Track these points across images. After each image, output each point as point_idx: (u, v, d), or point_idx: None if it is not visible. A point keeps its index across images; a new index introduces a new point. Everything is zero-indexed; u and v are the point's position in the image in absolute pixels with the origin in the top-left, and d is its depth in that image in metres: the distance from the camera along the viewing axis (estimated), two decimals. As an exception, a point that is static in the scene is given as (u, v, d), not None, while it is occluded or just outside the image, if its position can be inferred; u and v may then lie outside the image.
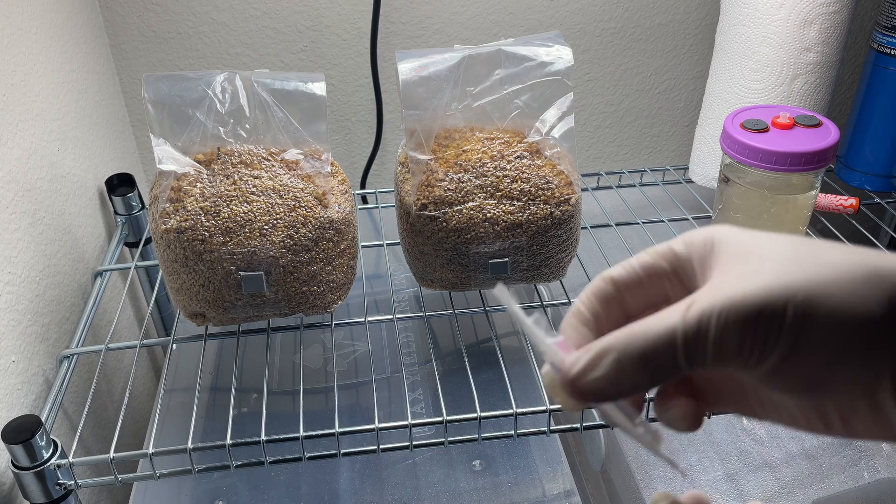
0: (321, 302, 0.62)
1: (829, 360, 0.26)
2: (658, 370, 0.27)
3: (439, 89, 0.62)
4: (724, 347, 0.26)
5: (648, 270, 0.30)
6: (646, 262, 0.30)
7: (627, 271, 0.31)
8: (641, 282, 0.30)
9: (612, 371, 0.27)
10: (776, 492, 0.61)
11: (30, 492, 0.53)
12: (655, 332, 0.27)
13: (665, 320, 0.27)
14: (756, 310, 0.25)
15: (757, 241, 0.28)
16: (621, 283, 0.31)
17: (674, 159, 1.10)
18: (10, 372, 0.58)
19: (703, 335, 0.26)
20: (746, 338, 0.26)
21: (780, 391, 0.28)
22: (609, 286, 0.31)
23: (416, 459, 0.65)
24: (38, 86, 0.68)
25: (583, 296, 0.32)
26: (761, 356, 0.26)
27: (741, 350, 0.26)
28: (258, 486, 0.63)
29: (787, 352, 0.26)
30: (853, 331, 0.25)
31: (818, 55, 0.79)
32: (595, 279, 0.31)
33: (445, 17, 0.93)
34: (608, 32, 0.98)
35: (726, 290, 0.26)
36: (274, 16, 0.90)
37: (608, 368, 0.27)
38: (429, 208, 0.60)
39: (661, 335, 0.27)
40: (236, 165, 0.59)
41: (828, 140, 0.68)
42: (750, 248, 0.28)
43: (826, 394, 0.27)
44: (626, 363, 0.27)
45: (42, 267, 0.65)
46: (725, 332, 0.26)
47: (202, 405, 0.69)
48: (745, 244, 0.28)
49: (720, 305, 0.26)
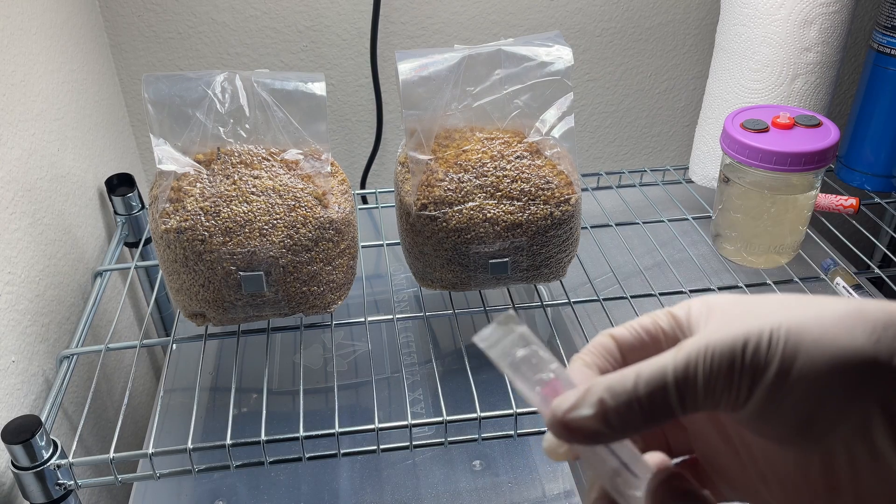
0: (321, 302, 0.62)
1: (817, 393, 0.25)
2: (649, 410, 0.27)
3: (439, 89, 0.62)
4: (713, 383, 0.26)
5: (648, 332, 0.31)
6: (646, 323, 0.31)
7: (629, 331, 0.31)
8: (643, 343, 0.31)
9: (600, 409, 0.27)
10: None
11: (30, 492, 0.53)
12: (647, 371, 0.27)
13: (657, 361, 0.27)
14: (742, 342, 0.26)
15: (749, 298, 0.29)
16: (623, 342, 0.31)
17: (674, 159, 1.10)
18: (10, 372, 0.58)
19: (692, 372, 0.26)
20: (734, 371, 0.26)
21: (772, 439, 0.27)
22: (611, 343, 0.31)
23: (416, 459, 0.65)
24: (38, 86, 0.68)
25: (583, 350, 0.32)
26: (750, 390, 0.26)
27: (730, 385, 0.26)
28: (258, 487, 0.63)
29: (774, 382, 0.26)
30: (839, 363, 0.25)
31: (818, 55, 0.79)
32: (597, 336, 0.31)
33: (445, 17, 0.93)
34: (608, 32, 0.98)
35: (714, 332, 0.27)
36: (274, 16, 0.90)
37: (597, 406, 0.27)
38: (429, 208, 0.60)
39: (652, 374, 0.27)
40: (236, 165, 0.59)
41: (828, 140, 0.68)
42: (741, 303, 0.28)
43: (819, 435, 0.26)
44: (616, 400, 0.27)
45: (42, 267, 0.65)
46: (713, 367, 0.26)
47: (202, 405, 0.69)
48: (738, 302, 0.29)
49: (707, 343, 0.26)
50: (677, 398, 0.26)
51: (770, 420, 0.26)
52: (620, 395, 0.27)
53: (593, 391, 0.27)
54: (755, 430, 0.28)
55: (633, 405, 0.27)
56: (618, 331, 0.31)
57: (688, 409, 0.27)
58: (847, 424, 0.26)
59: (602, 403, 0.27)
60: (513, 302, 0.68)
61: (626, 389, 0.27)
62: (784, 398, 0.26)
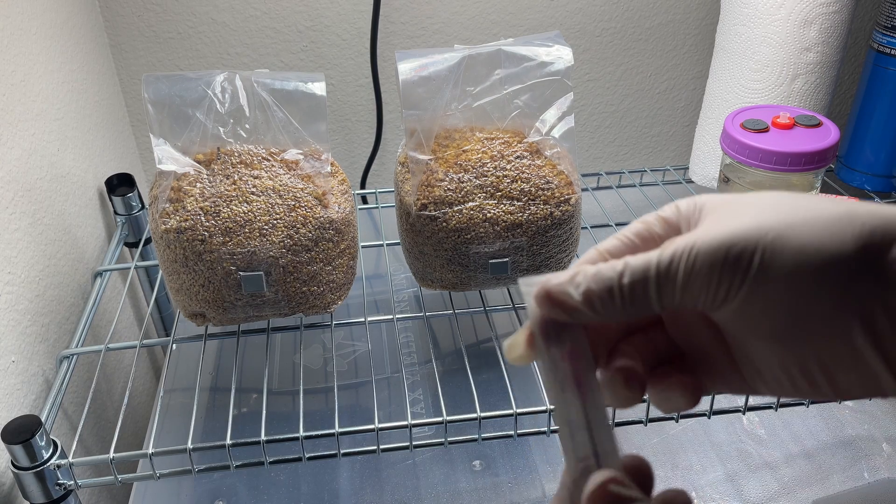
0: (321, 302, 0.62)
1: (800, 299, 0.26)
2: (630, 298, 0.28)
3: (439, 89, 0.62)
4: (693, 281, 0.27)
5: (641, 237, 0.31)
6: (637, 229, 0.31)
7: (622, 241, 0.31)
8: (637, 249, 0.31)
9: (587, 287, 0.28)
10: (776, 492, 0.61)
11: (29, 492, 0.53)
12: (633, 263, 0.28)
13: (644, 256, 0.28)
14: (725, 248, 0.26)
15: (741, 197, 0.29)
16: (616, 253, 0.31)
17: (674, 159, 1.10)
18: (10, 372, 0.58)
19: (674, 269, 0.27)
20: (713, 276, 0.26)
21: (755, 337, 0.28)
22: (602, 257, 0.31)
23: (416, 460, 0.65)
24: (37, 86, 0.68)
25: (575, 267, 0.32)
26: (728, 294, 0.26)
27: (709, 285, 0.27)
28: (258, 487, 0.63)
29: (753, 290, 0.26)
30: (823, 268, 0.25)
31: (818, 55, 0.79)
32: (588, 251, 0.32)
33: (445, 17, 0.93)
34: (608, 32, 0.97)
35: (703, 233, 0.27)
36: (274, 16, 0.90)
37: (585, 284, 0.28)
38: (429, 208, 0.60)
39: (637, 265, 0.28)
40: (236, 165, 0.59)
41: (828, 140, 0.68)
42: (734, 202, 0.29)
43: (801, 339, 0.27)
44: (600, 285, 0.28)
45: (42, 267, 0.65)
46: (695, 266, 0.27)
47: (202, 405, 0.69)
48: (729, 200, 0.29)
49: (692, 243, 0.27)
50: (656, 292, 0.27)
51: (750, 321, 0.27)
52: (605, 280, 0.28)
53: (581, 273, 0.28)
54: (737, 329, 0.28)
55: (615, 292, 0.28)
56: (610, 244, 0.31)
57: (665, 304, 0.28)
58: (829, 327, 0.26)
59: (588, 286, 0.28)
60: (513, 302, 0.68)
61: (611, 277, 0.28)
62: (764, 302, 0.26)
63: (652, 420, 0.58)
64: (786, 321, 0.26)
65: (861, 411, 0.68)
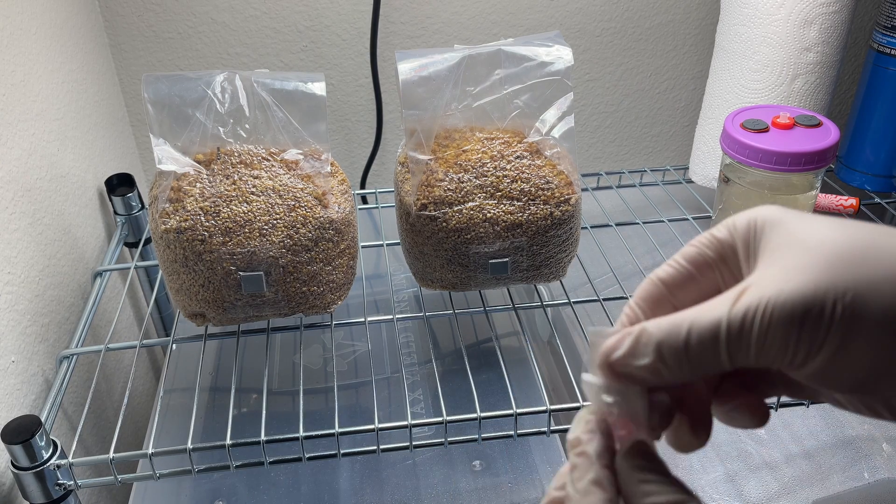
0: (321, 302, 0.62)
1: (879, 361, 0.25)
2: (699, 363, 0.26)
3: (439, 89, 0.62)
4: (768, 346, 0.25)
5: (695, 263, 0.29)
6: (690, 254, 0.29)
7: (675, 268, 0.30)
8: (692, 276, 0.29)
9: (652, 360, 0.26)
10: (776, 492, 0.61)
11: (29, 492, 0.53)
12: (700, 324, 0.26)
13: (711, 312, 0.26)
14: (802, 309, 0.24)
15: (804, 228, 0.27)
16: (671, 282, 0.30)
17: (674, 159, 1.10)
18: (10, 372, 0.58)
19: (746, 332, 0.25)
20: (791, 337, 0.25)
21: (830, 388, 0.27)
22: (658, 288, 0.30)
23: (415, 460, 0.65)
24: (37, 85, 0.68)
25: (632, 301, 0.30)
26: (807, 357, 0.25)
27: (785, 350, 0.25)
28: (258, 487, 0.63)
29: (833, 353, 0.25)
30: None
31: (818, 55, 0.79)
32: (643, 283, 0.30)
33: (445, 17, 0.93)
34: (608, 32, 0.97)
35: (772, 285, 0.25)
36: (274, 16, 0.90)
37: (650, 357, 0.27)
38: (429, 208, 0.60)
39: (705, 327, 0.26)
40: (236, 165, 0.59)
41: (828, 140, 0.68)
42: (797, 237, 0.26)
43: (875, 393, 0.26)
44: (667, 352, 0.26)
45: (42, 267, 0.65)
46: (770, 330, 0.25)
47: (202, 405, 0.69)
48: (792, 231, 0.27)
49: (766, 301, 0.25)
50: (727, 356, 0.26)
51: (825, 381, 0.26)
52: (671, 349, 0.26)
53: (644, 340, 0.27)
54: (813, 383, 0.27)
55: (682, 358, 0.26)
56: (664, 272, 0.30)
57: (737, 364, 0.26)
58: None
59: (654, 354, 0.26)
60: (513, 302, 0.68)
61: (677, 343, 0.26)
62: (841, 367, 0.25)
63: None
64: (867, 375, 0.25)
65: (861, 411, 0.68)
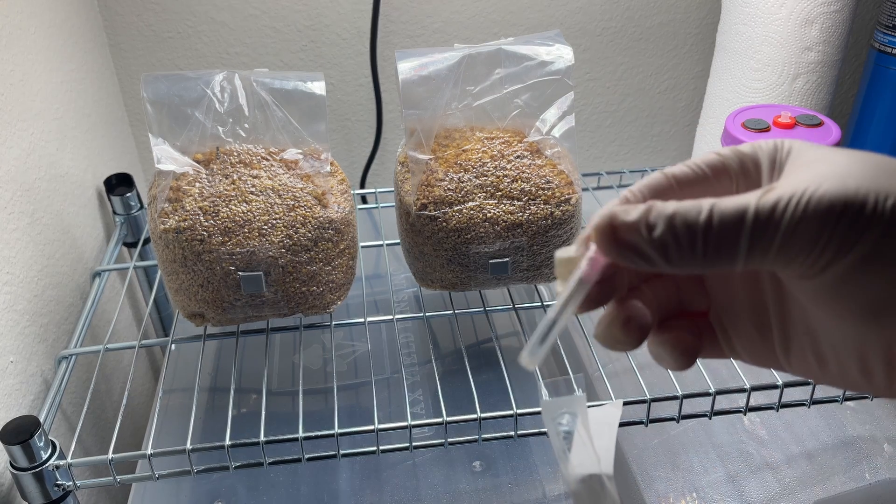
0: (320, 302, 0.62)
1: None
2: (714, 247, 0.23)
3: (439, 89, 0.62)
4: (794, 239, 0.23)
5: (714, 168, 0.27)
6: (711, 160, 0.27)
7: (691, 169, 0.27)
8: (706, 178, 0.27)
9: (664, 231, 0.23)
10: (777, 493, 0.61)
11: (28, 493, 0.53)
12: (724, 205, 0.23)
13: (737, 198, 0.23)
14: (843, 203, 0.22)
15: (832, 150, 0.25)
16: (683, 179, 0.27)
17: (675, 159, 1.09)
18: (9, 372, 0.58)
19: (776, 220, 0.23)
20: (824, 232, 0.22)
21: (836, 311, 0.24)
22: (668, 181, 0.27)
23: (415, 460, 0.65)
24: (36, 85, 0.68)
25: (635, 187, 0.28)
26: (834, 257, 0.23)
27: (813, 246, 0.23)
28: (257, 487, 0.62)
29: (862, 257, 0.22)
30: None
31: (819, 54, 0.78)
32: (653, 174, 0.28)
33: (445, 16, 0.93)
34: (609, 32, 0.97)
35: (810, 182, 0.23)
36: (273, 15, 0.90)
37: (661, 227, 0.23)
38: (429, 208, 0.60)
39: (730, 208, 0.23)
40: (235, 165, 0.59)
41: (829, 139, 0.67)
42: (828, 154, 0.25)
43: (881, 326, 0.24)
44: (681, 226, 0.23)
45: (40, 267, 0.65)
46: (802, 222, 0.22)
47: (201, 406, 0.69)
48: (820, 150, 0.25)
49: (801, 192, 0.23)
50: (748, 243, 0.23)
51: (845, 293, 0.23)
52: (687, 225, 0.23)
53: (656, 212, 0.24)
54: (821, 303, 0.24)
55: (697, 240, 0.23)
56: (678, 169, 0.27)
57: (753, 260, 0.23)
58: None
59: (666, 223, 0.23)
60: (513, 302, 0.68)
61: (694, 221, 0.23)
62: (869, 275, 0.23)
63: (653, 421, 0.58)
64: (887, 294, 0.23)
65: (862, 412, 0.68)
